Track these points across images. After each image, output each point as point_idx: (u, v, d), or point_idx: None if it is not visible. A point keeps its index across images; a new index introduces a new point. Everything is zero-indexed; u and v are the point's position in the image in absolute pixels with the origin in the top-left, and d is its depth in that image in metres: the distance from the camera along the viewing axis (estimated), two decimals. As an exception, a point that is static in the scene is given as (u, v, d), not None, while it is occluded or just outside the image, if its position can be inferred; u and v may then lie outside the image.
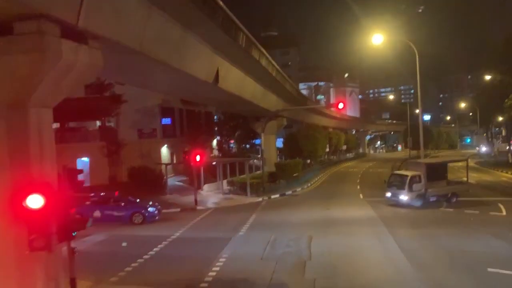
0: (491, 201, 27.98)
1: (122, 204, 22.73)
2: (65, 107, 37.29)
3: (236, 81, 24.70)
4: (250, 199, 30.55)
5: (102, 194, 23.69)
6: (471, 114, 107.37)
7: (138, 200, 23.74)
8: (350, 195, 32.48)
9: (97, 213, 22.21)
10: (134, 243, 18.14)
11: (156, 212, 22.96)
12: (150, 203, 23.81)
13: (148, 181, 33.30)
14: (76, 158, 39.71)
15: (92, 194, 23.25)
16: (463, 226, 19.94)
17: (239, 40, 20.53)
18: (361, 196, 31.70)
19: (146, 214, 22.51)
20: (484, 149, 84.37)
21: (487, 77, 62.29)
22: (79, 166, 40.27)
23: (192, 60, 17.89)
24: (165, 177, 34.02)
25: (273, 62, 30.10)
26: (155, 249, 16.79)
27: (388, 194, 26.65)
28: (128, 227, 21.56)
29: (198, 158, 27.61)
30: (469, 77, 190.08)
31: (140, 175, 34.12)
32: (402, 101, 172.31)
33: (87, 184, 39.19)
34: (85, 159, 40.02)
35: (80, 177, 34.99)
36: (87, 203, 22.55)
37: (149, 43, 13.81)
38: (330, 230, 19.65)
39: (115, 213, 22.47)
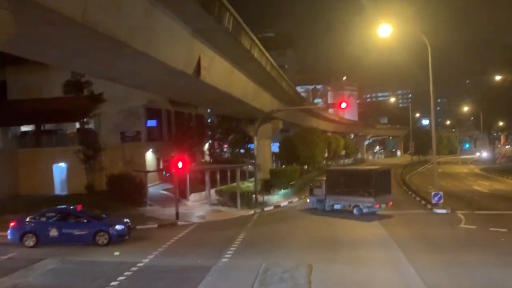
0: (514, 215, 24.77)
1: (85, 221, 18.94)
2: (40, 107, 34.10)
3: (223, 74, 21.03)
4: (241, 211, 26.87)
5: (60, 207, 19.99)
6: (472, 118, 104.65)
7: (104, 216, 19.98)
8: (353, 207, 28.90)
9: (54, 232, 18.55)
10: (88, 274, 14.42)
11: (125, 230, 19.11)
12: (125, 220, 20.01)
13: (128, 190, 29.68)
14: (53, 164, 36.34)
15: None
16: (495, 251, 16.31)
17: (224, 22, 16.81)
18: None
19: (113, 233, 18.65)
20: (485, 154, 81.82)
21: (497, 78, 59.07)
22: (56, 173, 36.81)
23: (164, 43, 14.27)
24: (146, 186, 30.28)
25: (267, 55, 26.39)
26: (112, 283, 13.08)
27: None
28: (90, 250, 17.83)
29: (180, 164, 24.04)
30: (467, 81, 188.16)
31: (120, 184, 30.57)
32: (400, 105, 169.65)
33: (63, 192, 35.85)
34: (62, 164, 36.54)
35: (56, 184, 30.77)
36: (43, 219, 18.91)
37: (96, 14, 10.23)
38: (334, 256, 16.00)
39: (76, 232, 18.66)
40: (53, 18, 9.24)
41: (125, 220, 19.76)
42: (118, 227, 18.94)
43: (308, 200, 28.43)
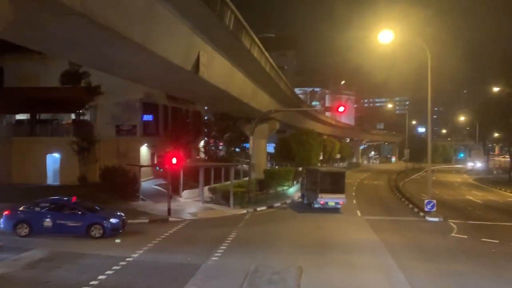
0: (506, 226, 24.80)
1: (79, 213, 18.68)
2: (36, 97, 33.81)
3: (222, 72, 20.87)
4: (233, 210, 26.75)
5: (55, 198, 19.80)
6: (468, 128, 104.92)
7: (99, 208, 19.81)
8: (346, 211, 28.80)
9: (47, 222, 18.34)
10: (76, 266, 14.27)
11: (119, 224, 18.92)
12: (119, 213, 19.79)
13: (120, 183, 29.51)
14: (46, 154, 36.14)
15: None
16: (486, 261, 16.30)
17: (225, 19, 16.68)
18: (358, 213, 28.08)
19: (107, 226, 18.42)
20: (479, 164, 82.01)
21: (494, 90, 59.20)
22: (49, 163, 36.58)
23: (164, 37, 14.10)
24: (139, 181, 30.09)
25: (267, 54, 26.27)
26: (100, 277, 12.95)
27: None
28: (81, 242, 17.65)
29: (174, 160, 23.88)
30: (464, 91, 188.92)
31: (113, 177, 30.40)
32: (397, 112, 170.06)
33: (56, 183, 35.61)
34: (56, 155, 36.35)
35: (49, 174, 30.35)
36: (37, 209, 18.70)
37: (95, 3, 10.08)
38: (325, 259, 15.92)
39: (70, 223, 18.45)
40: (51, 6, 9.08)
41: (119, 214, 19.64)
42: (112, 220, 18.77)
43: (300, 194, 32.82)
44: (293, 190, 37.51)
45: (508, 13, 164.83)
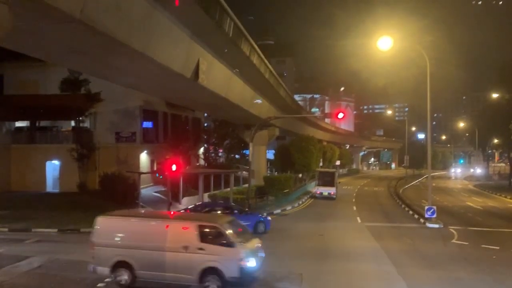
0: (507, 233, 24.74)
1: (239, 213, 21.54)
2: (35, 104, 33.70)
3: (221, 79, 20.90)
4: (233, 217, 26.67)
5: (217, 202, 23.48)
6: (467, 134, 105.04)
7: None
8: (346, 217, 28.83)
9: None
10: (74, 274, 14.14)
11: (270, 221, 22.76)
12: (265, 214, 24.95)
13: (120, 190, 29.43)
14: (46, 161, 36.10)
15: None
16: (487, 268, 16.23)
17: (224, 27, 16.72)
18: (358, 219, 28.02)
19: (267, 223, 22.26)
20: (479, 171, 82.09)
21: (494, 96, 59.32)
22: (48, 170, 36.53)
23: (163, 45, 14.13)
24: (138, 188, 30.03)
25: (266, 61, 26.31)
26: (99, 284, 12.87)
27: None
28: (77, 249, 17.50)
29: (174, 167, 23.79)
30: (463, 97, 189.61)
31: (112, 184, 30.34)
32: (396, 118, 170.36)
33: (55, 190, 35.55)
34: (56, 162, 36.30)
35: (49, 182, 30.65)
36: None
37: (95, 11, 10.09)
38: (325, 267, 15.83)
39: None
40: (51, 13, 9.10)
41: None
42: (268, 218, 23.17)
43: None
44: (293, 197, 37.45)
45: (507, 21, 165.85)
